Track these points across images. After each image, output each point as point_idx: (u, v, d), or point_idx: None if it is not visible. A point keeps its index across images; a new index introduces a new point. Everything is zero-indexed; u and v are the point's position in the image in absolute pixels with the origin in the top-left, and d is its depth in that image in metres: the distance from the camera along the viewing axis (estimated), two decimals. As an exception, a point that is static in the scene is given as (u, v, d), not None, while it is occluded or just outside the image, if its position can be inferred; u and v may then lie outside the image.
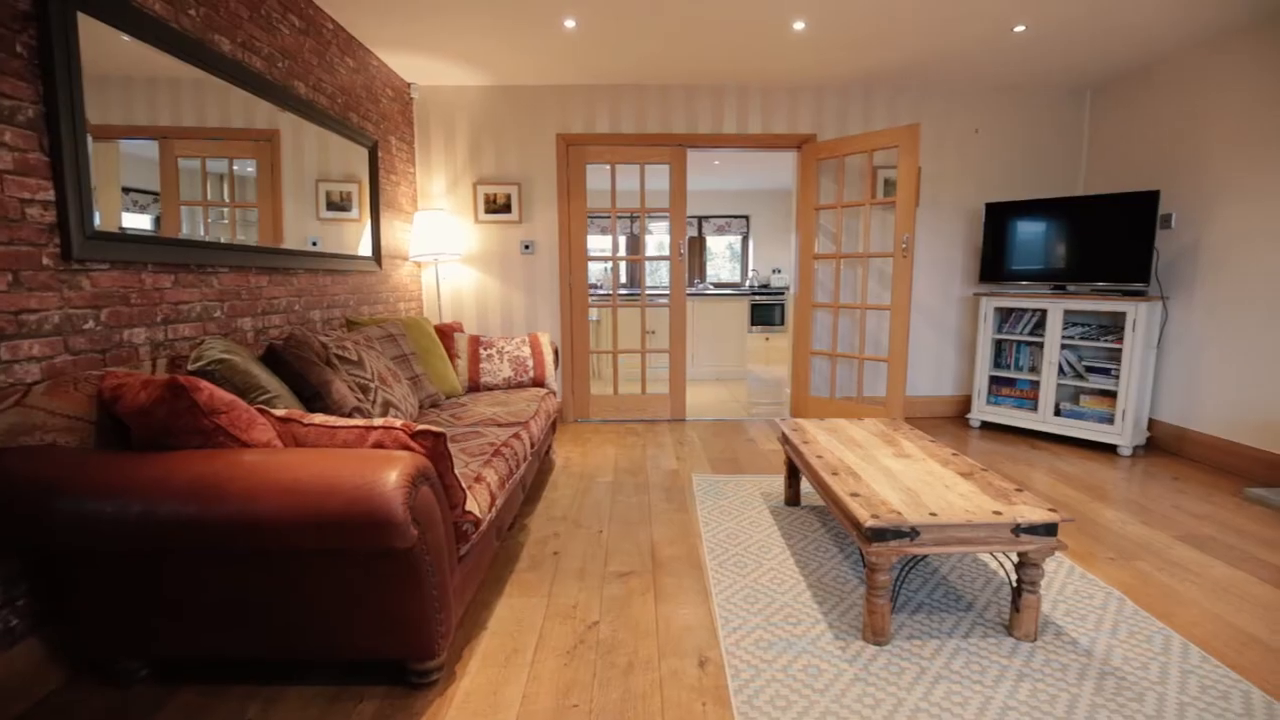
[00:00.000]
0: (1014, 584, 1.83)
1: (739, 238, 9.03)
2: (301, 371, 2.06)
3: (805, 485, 3.06)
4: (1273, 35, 3.17)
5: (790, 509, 2.80)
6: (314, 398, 2.06)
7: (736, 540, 2.49)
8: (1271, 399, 3.19)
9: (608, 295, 6.44)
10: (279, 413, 1.66)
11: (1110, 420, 3.75)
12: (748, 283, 8.74)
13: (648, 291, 5.78)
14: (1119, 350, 3.73)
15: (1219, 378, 3.48)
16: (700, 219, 8.81)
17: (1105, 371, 3.81)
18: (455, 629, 1.79)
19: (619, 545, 2.47)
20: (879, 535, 1.72)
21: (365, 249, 3.50)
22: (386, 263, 3.80)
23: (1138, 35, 3.42)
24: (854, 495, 1.89)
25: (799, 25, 3.30)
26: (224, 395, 1.56)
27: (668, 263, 4.52)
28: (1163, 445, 3.83)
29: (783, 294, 7.42)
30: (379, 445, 1.59)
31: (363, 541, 1.40)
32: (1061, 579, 2.17)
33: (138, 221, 1.96)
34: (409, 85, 4.17)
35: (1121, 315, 3.75)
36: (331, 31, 3.14)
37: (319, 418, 1.67)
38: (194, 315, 2.16)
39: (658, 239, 8.72)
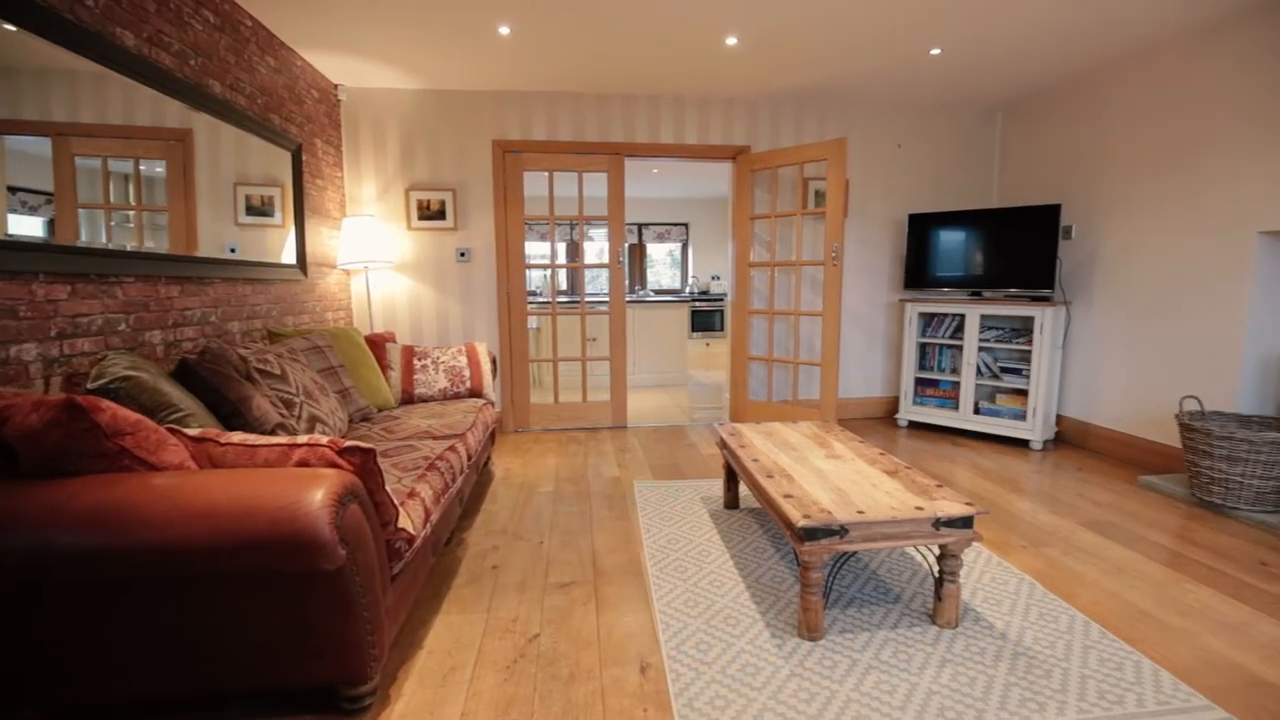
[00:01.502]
0: (936, 575, 1.93)
1: (679, 245, 9.14)
2: (218, 387, 1.95)
3: (744, 488, 3.12)
4: (1155, 63, 3.48)
5: (729, 512, 2.86)
6: (233, 415, 1.95)
7: (677, 545, 2.51)
8: (1159, 395, 3.49)
9: (547, 303, 6.40)
10: (192, 432, 1.57)
11: (1023, 417, 4.00)
12: (688, 289, 8.86)
13: (588, 298, 5.78)
14: (1029, 352, 3.99)
15: (1115, 376, 3.78)
16: (640, 226, 8.88)
17: (1018, 372, 4.06)
18: (389, 650, 1.73)
19: (560, 556, 2.46)
20: (811, 535, 1.77)
21: (289, 256, 3.35)
22: (312, 271, 3.65)
23: (1041, 61, 3.68)
24: (788, 497, 1.95)
25: (731, 41, 3.38)
26: (129, 415, 1.46)
27: (608, 270, 4.53)
28: (1069, 439, 4.12)
29: (722, 300, 7.56)
30: (304, 463, 1.52)
31: (287, 565, 1.34)
32: (980, 568, 2.30)
33: (27, 225, 1.82)
34: (336, 87, 4.03)
35: (1031, 319, 4.02)
36: (250, 29, 3.01)
37: (238, 436, 1.59)
38: (95, 329, 2.01)
39: (598, 246, 8.73)
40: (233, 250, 2.85)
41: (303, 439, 1.55)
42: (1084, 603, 2.07)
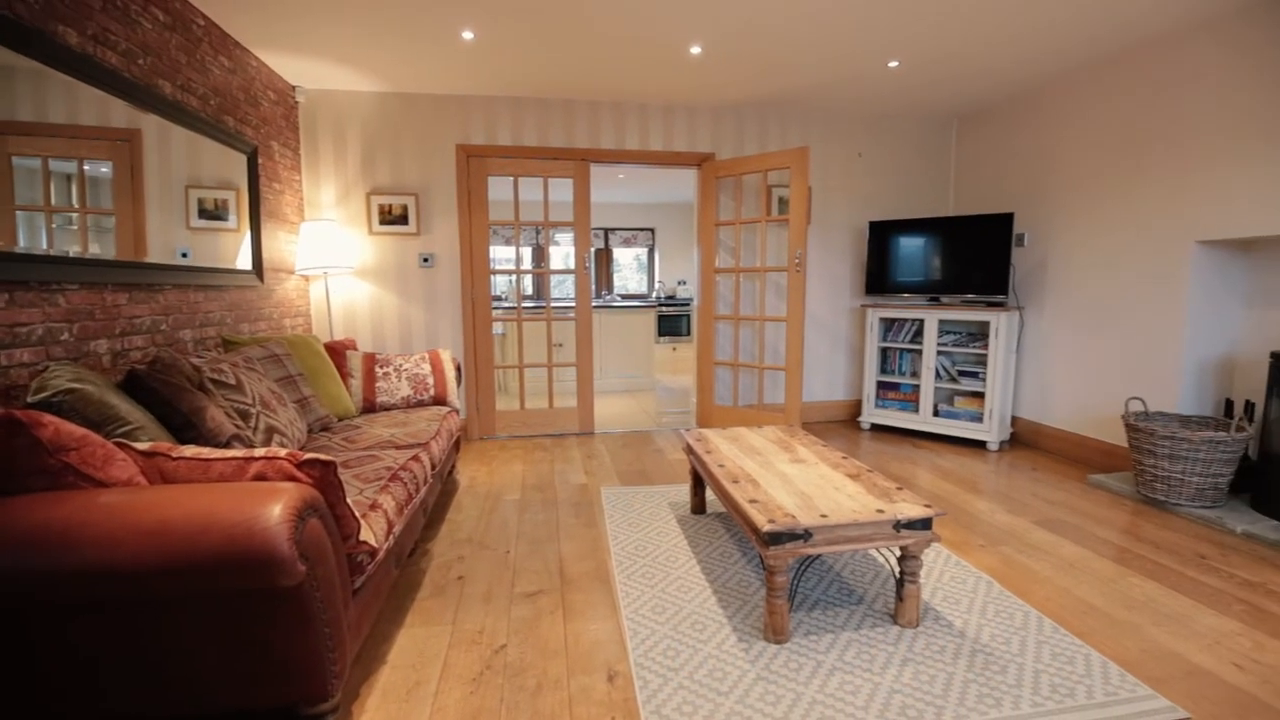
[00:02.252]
0: (898, 575, 1.97)
1: (645, 250, 9.18)
2: (169, 398, 1.88)
3: (710, 494, 3.14)
4: (1101, 79, 3.64)
5: (696, 517, 2.87)
6: (185, 427, 1.89)
7: (645, 551, 2.52)
8: (1106, 397, 3.64)
9: (513, 308, 6.35)
10: (142, 446, 1.51)
11: (980, 419, 4.13)
12: (655, 294, 8.89)
13: (554, 304, 5.75)
14: (986, 355, 4.12)
15: (1066, 379, 3.93)
16: (607, 231, 8.88)
17: (975, 375, 4.19)
18: (351, 666, 1.70)
19: (527, 565, 2.44)
20: (776, 539, 1.80)
21: (245, 262, 3.26)
22: (269, 276, 3.56)
23: (994, 76, 3.82)
24: (753, 501, 1.97)
25: (695, 50, 3.42)
26: (73, 430, 1.40)
27: (574, 275, 4.52)
28: (1024, 440, 4.26)
29: (689, 305, 7.61)
30: (261, 477, 1.48)
31: (245, 582, 1.30)
32: (940, 567, 2.36)
33: (-36, 233, 1.73)
34: (294, 88, 3.94)
35: (986, 324, 4.15)
36: (203, 28, 2.92)
37: (190, 450, 1.54)
38: (34, 339, 1.93)
39: (564, 250, 8.70)
40: (185, 255, 2.76)
41: (260, 452, 1.51)
42: (1038, 599, 2.15)
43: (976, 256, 4.15)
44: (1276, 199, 2.78)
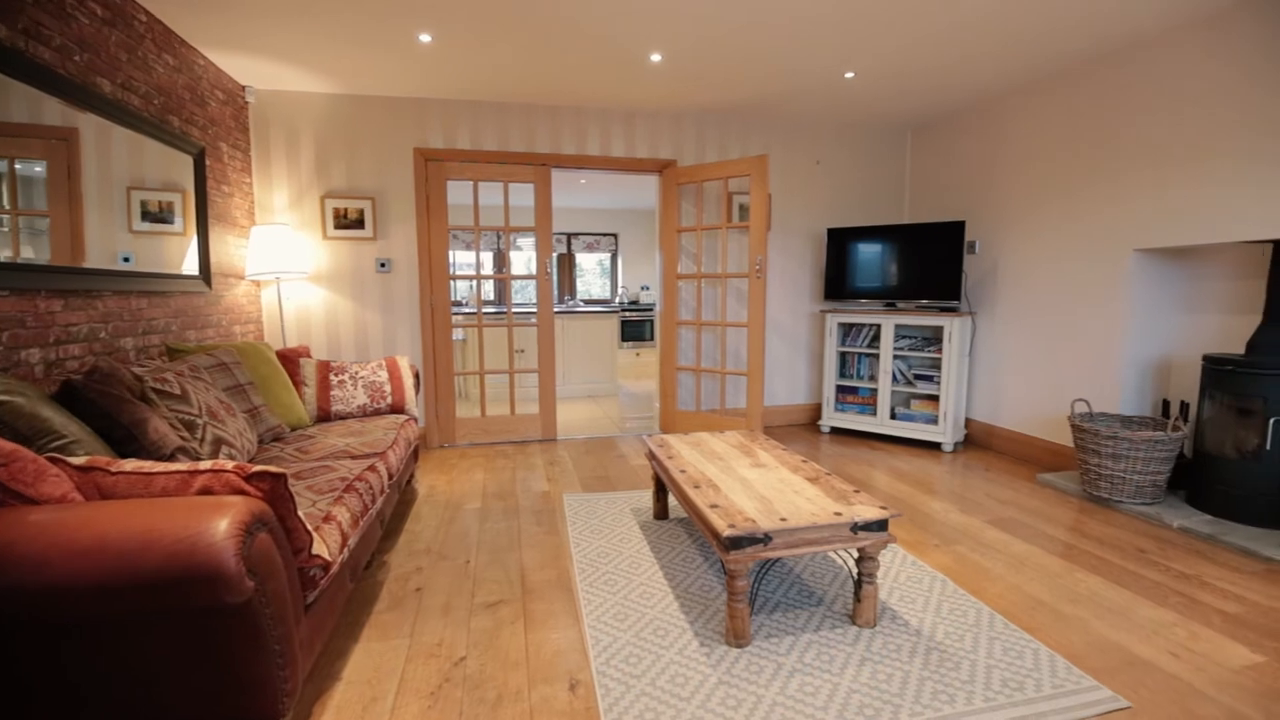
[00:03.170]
0: (856, 577, 2.01)
1: (609, 255, 9.17)
2: (109, 410, 1.80)
3: (673, 499, 3.15)
4: (1046, 94, 3.80)
5: (659, 523, 2.88)
6: (126, 440, 1.81)
7: (607, 558, 2.51)
8: (1054, 399, 3.79)
9: (474, 314, 6.27)
10: (77, 461, 1.44)
11: (935, 421, 4.24)
12: (618, 299, 8.89)
13: (515, 309, 5.70)
14: (940, 359, 4.24)
15: (1016, 382, 4.07)
16: (570, 236, 8.85)
17: (930, 378, 4.31)
18: (303, 684, 1.64)
19: (487, 574, 2.40)
20: (736, 543, 1.81)
21: (191, 266, 3.14)
22: (218, 282, 3.44)
23: (945, 88, 3.94)
24: (714, 506, 1.98)
25: (656, 58, 3.44)
26: (2, 444, 1.32)
27: (536, 280, 4.49)
28: (977, 441, 4.40)
29: (652, 310, 7.63)
30: (207, 491, 1.43)
31: (191, 600, 1.25)
32: (897, 567, 2.41)
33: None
34: (244, 88, 3.82)
35: (940, 329, 4.27)
36: (145, 24, 2.81)
37: (131, 464, 1.47)
38: (-39, 347, 1.82)
39: (526, 255, 8.63)
40: (127, 260, 2.64)
41: (205, 464, 1.45)
42: (990, 596, 2.21)
43: (930, 263, 4.27)
44: (1207, 210, 2.94)
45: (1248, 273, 3.05)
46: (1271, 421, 2.66)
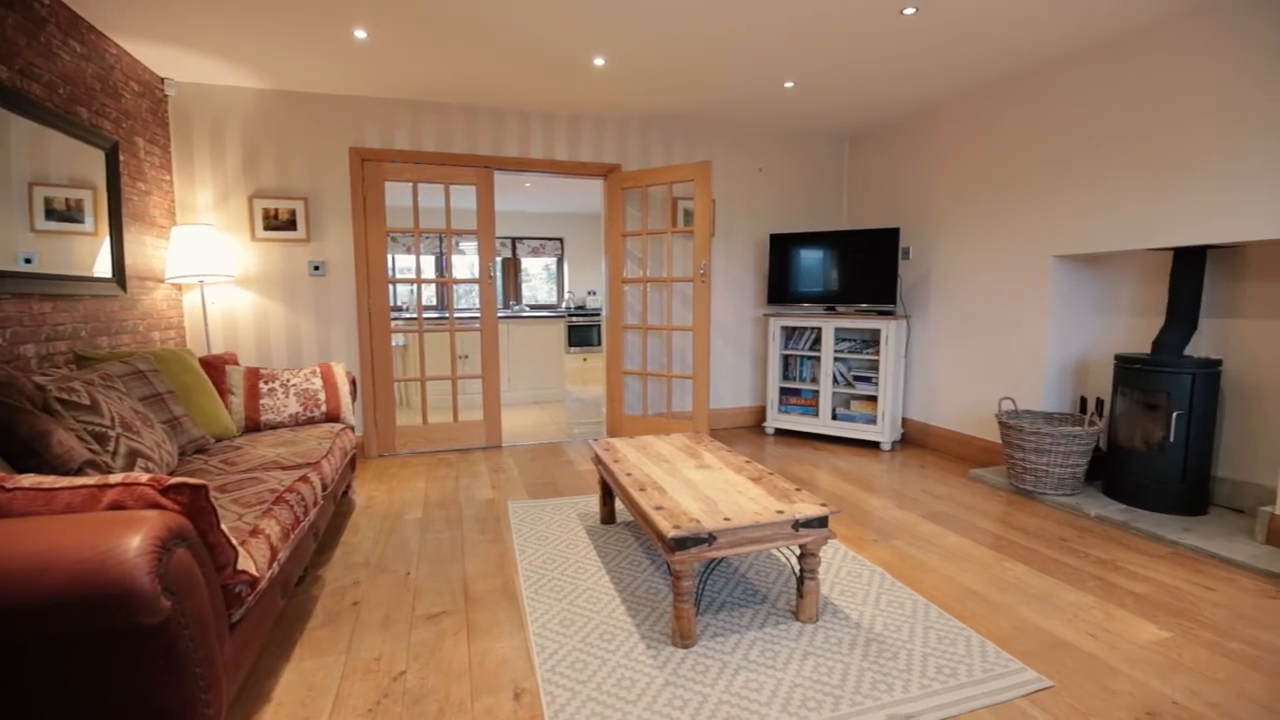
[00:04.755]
0: (798, 573, 2.05)
1: (554, 259, 9.11)
2: (5, 422, 1.66)
3: (620, 503, 3.14)
4: (973, 106, 3.99)
5: (606, 527, 2.86)
6: (26, 454, 1.67)
7: (553, 565, 2.47)
8: (983, 398, 3.97)
9: (414, 319, 6.10)
10: (-35, 476, 1.31)
11: (874, 421, 4.38)
12: (564, 304, 8.83)
13: (458, 314, 5.58)
14: (878, 361, 4.38)
15: (948, 382, 4.25)
16: (515, 240, 8.74)
17: (869, 380, 4.45)
18: (229, 707, 1.55)
19: (429, 585, 2.33)
20: (681, 544, 1.82)
21: (104, 268, 2.94)
22: (134, 285, 3.23)
23: (879, 99, 4.09)
24: (659, 509, 1.98)
25: (599, 62, 3.45)
26: (-127, 459, 1.20)
27: (479, 285, 4.41)
28: (914, 440, 4.57)
29: (599, 315, 7.61)
30: (118, 506, 1.33)
31: (99, 622, 1.16)
32: (838, 563, 2.47)
33: None
34: (162, 80, 3.61)
35: (878, 331, 4.42)
36: (48, 8, 2.62)
37: (30, 479, 1.35)
38: None
39: (469, 259, 8.47)
40: (29, 261, 2.45)
41: (117, 478, 1.35)
42: (925, 587, 2.29)
43: (868, 268, 4.42)
44: (1117, 219, 3.15)
45: (1153, 277, 3.28)
46: (1174, 415, 2.87)
